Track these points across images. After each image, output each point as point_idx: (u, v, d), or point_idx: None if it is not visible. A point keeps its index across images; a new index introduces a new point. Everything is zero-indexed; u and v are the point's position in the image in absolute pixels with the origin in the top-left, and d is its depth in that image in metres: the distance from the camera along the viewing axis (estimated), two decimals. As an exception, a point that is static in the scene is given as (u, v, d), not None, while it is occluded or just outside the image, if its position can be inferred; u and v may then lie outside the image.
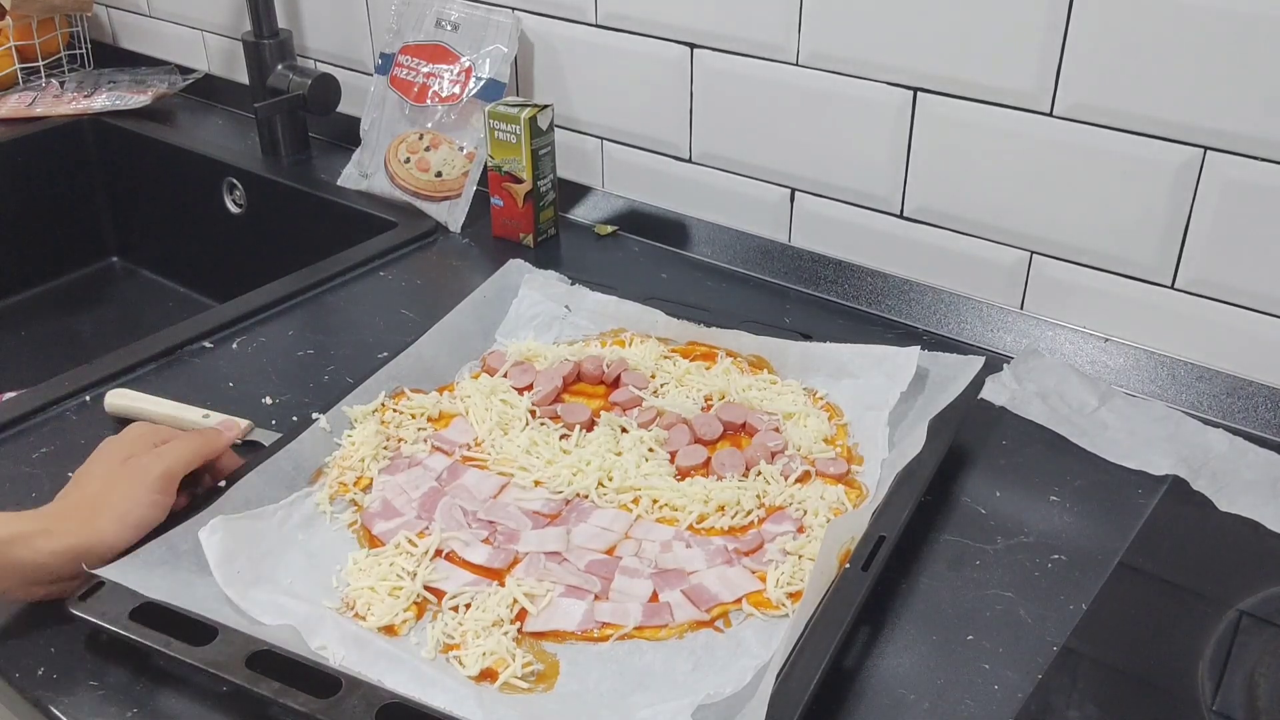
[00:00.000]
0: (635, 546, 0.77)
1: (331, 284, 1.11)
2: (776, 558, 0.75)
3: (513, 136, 1.13)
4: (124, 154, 1.53)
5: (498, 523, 0.78)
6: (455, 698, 0.62)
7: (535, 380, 0.92)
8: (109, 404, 0.90)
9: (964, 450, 0.88)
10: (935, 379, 0.89)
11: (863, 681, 0.68)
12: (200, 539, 0.71)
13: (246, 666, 0.63)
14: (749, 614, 0.71)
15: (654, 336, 0.98)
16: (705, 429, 0.87)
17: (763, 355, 0.95)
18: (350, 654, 0.65)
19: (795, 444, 0.85)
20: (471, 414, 0.88)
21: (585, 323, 1.01)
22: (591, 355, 0.95)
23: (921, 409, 0.87)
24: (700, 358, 0.96)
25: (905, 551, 0.77)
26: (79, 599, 0.67)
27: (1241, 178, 0.87)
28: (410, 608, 0.70)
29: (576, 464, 0.83)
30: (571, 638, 0.69)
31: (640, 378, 0.92)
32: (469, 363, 0.96)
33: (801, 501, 0.79)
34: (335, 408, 0.86)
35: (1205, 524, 0.80)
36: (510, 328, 1.00)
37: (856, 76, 1.03)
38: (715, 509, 0.79)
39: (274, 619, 0.67)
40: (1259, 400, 0.91)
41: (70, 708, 0.65)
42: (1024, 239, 1.00)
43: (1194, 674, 0.68)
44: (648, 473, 0.82)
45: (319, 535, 0.77)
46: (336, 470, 0.82)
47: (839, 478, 0.82)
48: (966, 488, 0.84)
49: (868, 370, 0.91)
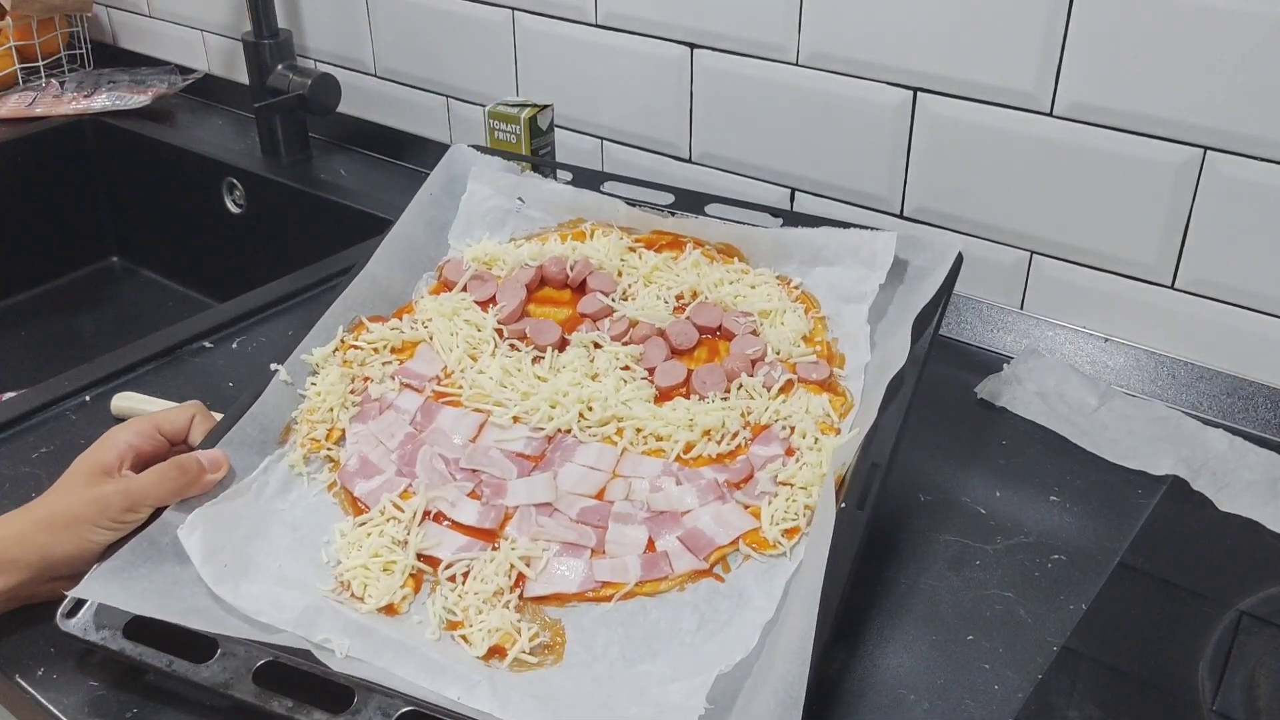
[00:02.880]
0: (625, 487, 0.74)
1: (331, 284, 1.11)
2: (769, 489, 0.73)
3: (513, 136, 1.12)
4: (124, 154, 1.53)
5: (481, 471, 0.76)
6: (467, 685, 0.61)
7: (498, 293, 0.87)
8: (115, 406, 0.90)
9: (964, 450, 0.88)
10: (915, 268, 0.84)
11: (863, 681, 0.68)
12: (180, 539, 0.69)
13: (254, 682, 0.62)
14: (746, 555, 0.70)
15: (616, 226, 0.92)
16: (681, 338, 0.84)
17: (731, 242, 0.90)
18: (355, 644, 0.63)
19: (774, 347, 0.82)
20: (436, 340, 0.84)
21: (541, 214, 0.94)
22: (554, 256, 0.89)
23: (901, 302, 0.83)
24: (666, 247, 0.91)
25: (905, 551, 0.77)
26: (65, 615, 0.65)
27: (1241, 178, 0.87)
28: (407, 582, 0.69)
29: (553, 394, 0.79)
30: (573, 600, 0.68)
31: (607, 280, 0.88)
32: (425, 275, 0.91)
33: (787, 417, 0.77)
34: (293, 355, 0.82)
35: (1205, 524, 0.80)
36: (462, 228, 0.94)
37: (856, 76, 1.03)
38: (701, 435, 0.77)
39: (271, 616, 0.65)
40: (1259, 400, 0.91)
41: (70, 708, 0.65)
42: (1024, 239, 1.00)
43: (1194, 674, 0.68)
44: (627, 398, 0.79)
45: (299, 502, 0.74)
46: (305, 425, 0.78)
47: (822, 384, 0.80)
48: (966, 488, 0.84)
49: (843, 257, 0.86)
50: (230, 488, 0.74)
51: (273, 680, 0.63)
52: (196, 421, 0.76)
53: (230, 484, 0.74)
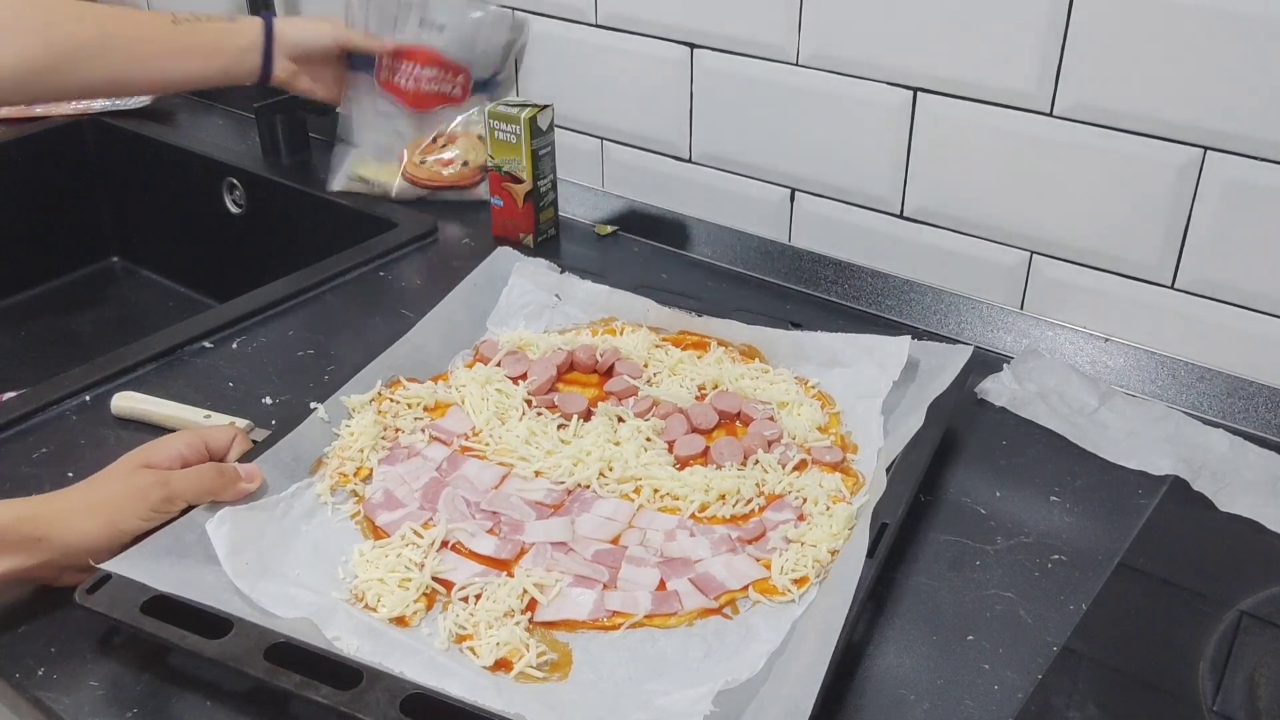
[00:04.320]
0: (640, 536, 0.77)
1: (331, 284, 1.11)
2: (779, 545, 0.75)
3: (513, 136, 1.13)
4: (124, 154, 1.52)
5: (501, 513, 0.78)
6: (474, 687, 0.62)
7: (529, 369, 0.92)
8: (115, 406, 0.90)
9: (965, 450, 0.88)
10: (926, 368, 0.90)
11: (863, 681, 0.68)
12: (208, 531, 0.72)
13: (266, 659, 0.63)
14: (756, 601, 0.71)
15: (645, 325, 0.98)
16: (701, 418, 0.87)
17: (754, 344, 0.96)
18: (365, 644, 0.65)
19: (790, 433, 0.86)
20: (468, 403, 0.89)
21: (576, 311, 1.01)
22: (584, 344, 0.95)
23: (914, 397, 0.87)
24: (692, 347, 0.96)
25: (905, 551, 0.77)
26: (86, 592, 0.67)
27: (1241, 178, 0.87)
28: (420, 599, 0.71)
29: (576, 454, 0.83)
30: (583, 627, 0.70)
31: (634, 366, 0.93)
32: (461, 351, 0.96)
33: (800, 489, 0.80)
34: (333, 397, 0.86)
35: (1205, 524, 0.80)
36: (501, 316, 1.00)
37: (856, 76, 1.03)
38: (716, 498, 0.80)
39: (286, 611, 0.67)
40: (1259, 400, 0.91)
41: (70, 708, 0.65)
42: (1024, 239, 1.00)
43: (1194, 674, 0.68)
44: (647, 462, 0.82)
45: (322, 526, 0.77)
46: (336, 460, 0.82)
47: (835, 465, 0.83)
48: (966, 488, 0.84)
49: (859, 359, 0.91)
50: (259, 500, 0.77)
51: (283, 659, 0.63)
52: (236, 442, 0.80)
53: (260, 498, 0.77)
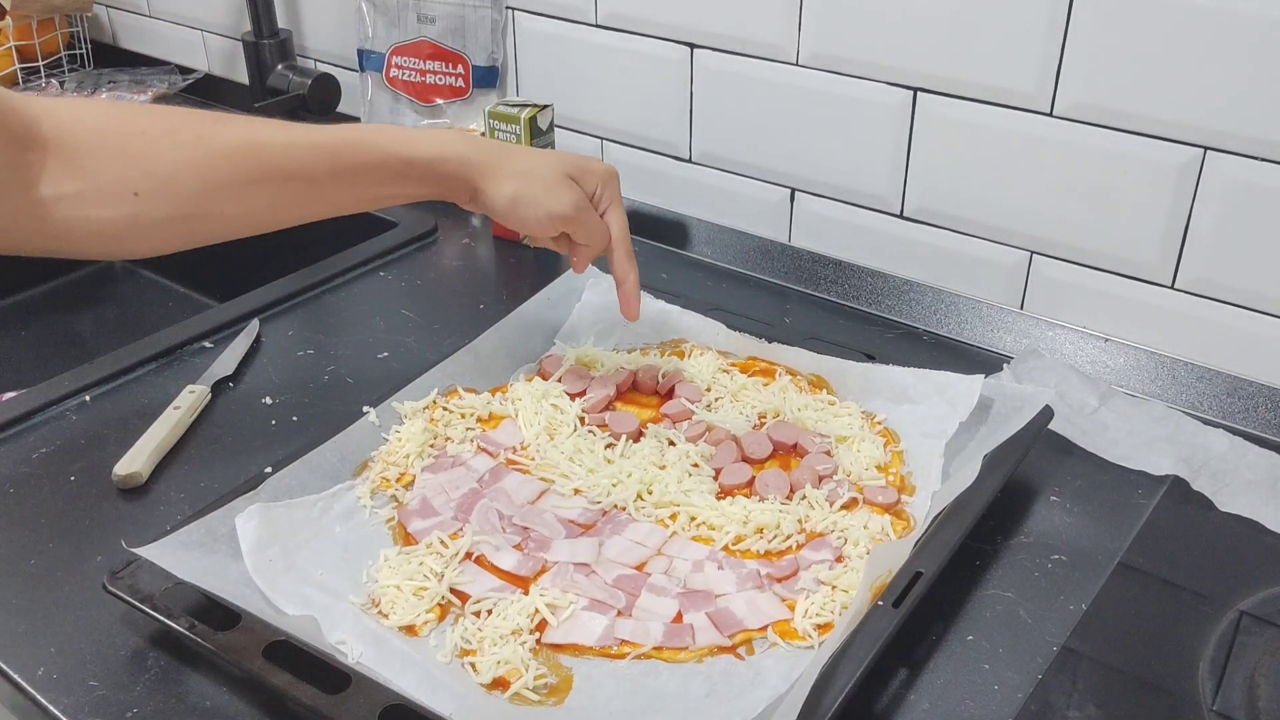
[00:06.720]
0: (666, 564, 0.75)
1: (331, 284, 1.11)
2: (809, 586, 0.72)
3: (513, 137, 1.12)
4: (124, 154, 1.52)
5: (531, 529, 0.77)
6: (461, 705, 0.62)
7: (589, 387, 0.91)
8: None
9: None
10: (998, 411, 0.85)
11: (862, 681, 0.67)
12: (236, 525, 0.72)
13: (263, 656, 0.64)
14: (773, 643, 0.68)
15: (714, 349, 0.96)
16: (754, 447, 0.84)
17: (823, 375, 0.92)
18: (367, 650, 0.65)
19: (846, 469, 0.82)
20: (521, 417, 0.88)
21: (647, 331, 0.99)
22: (648, 365, 0.93)
23: (981, 441, 0.83)
24: (759, 373, 0.93)
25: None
26: (113, 575, 0.69)
27: (1241, 178, 0.87)
28: (433, 609, 0.70)
29: (617, 474, 0.81)
30: (589, 653, 0.68)
31: (695, 390, 0.91)
32: (525, 365, 0.95)
33: (844, 530, 0.76)
34: (385, 402, 0.85)
35: (1205, 524, 0.80)
36: (571, 332, 0.99)
37: (856, 76, 1.03)
38: (753, 531, 0.77)
39: (296, 609, 0.68)
40: (1259, 400, 0.91)
41: (70, 708, 0.65)
42: (1024, 239, 1.00)
43: (1194, 674, 0.68)
44: (688, 489, 0.80)
45: (356, 529, 0.77)
46: (381, 465, 0.82)
47: (887, 507, 0.79)
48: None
49: (929, 397, 0.87)
50: (296, 499, 0.77)
51: (280, 659, 0.64)
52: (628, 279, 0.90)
53: (298, 495, 0.77)
